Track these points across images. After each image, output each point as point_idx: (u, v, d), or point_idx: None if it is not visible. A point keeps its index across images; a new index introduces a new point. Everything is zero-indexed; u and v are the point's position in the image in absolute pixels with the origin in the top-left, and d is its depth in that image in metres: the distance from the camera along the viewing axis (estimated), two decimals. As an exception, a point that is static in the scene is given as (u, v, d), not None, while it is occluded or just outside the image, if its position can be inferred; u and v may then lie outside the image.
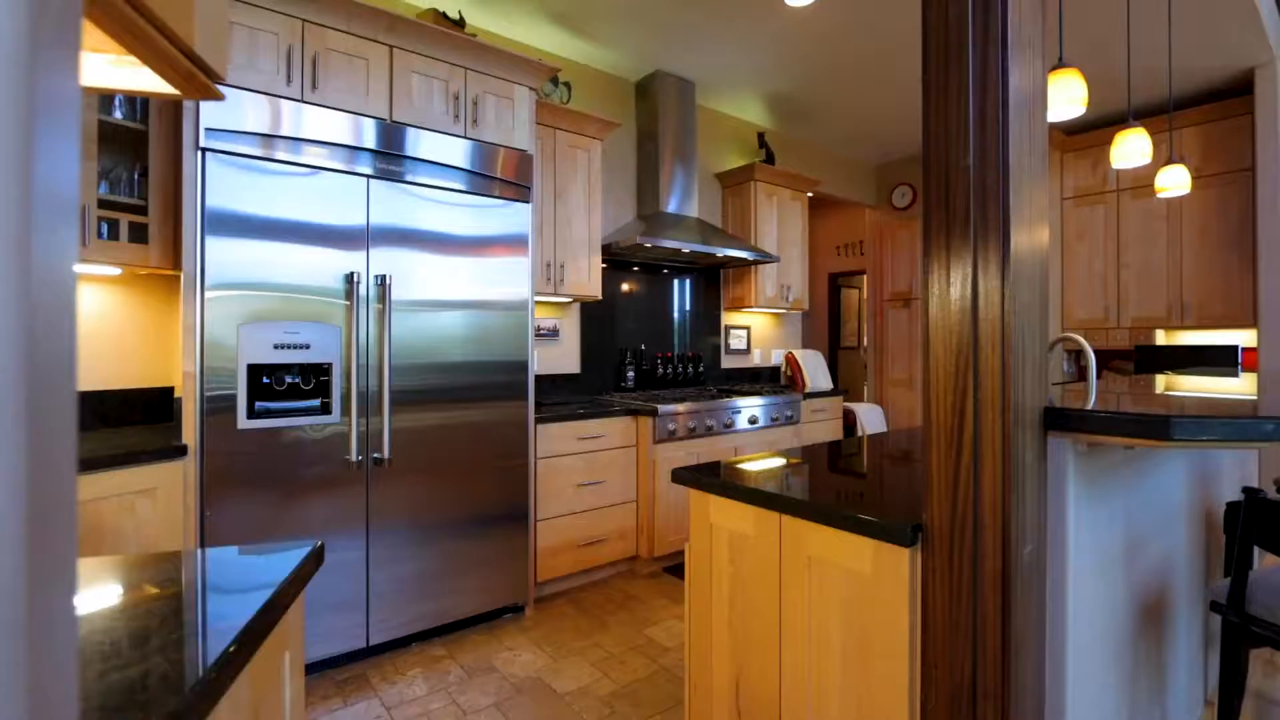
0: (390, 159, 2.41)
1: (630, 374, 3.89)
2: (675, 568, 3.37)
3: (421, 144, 2.48)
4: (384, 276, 2.35)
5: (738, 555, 1.45)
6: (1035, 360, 1.08)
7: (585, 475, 3.08)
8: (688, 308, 4.35)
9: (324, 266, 2.26)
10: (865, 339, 7.96)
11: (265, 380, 2.16)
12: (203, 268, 2.04)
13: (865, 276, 7.41)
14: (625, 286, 4.00)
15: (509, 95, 2.75)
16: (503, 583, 2.70)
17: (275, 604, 0.81)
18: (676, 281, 4.29)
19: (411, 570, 2.46)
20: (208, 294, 2.05)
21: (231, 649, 0.69)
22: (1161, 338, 4.54)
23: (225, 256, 2.08)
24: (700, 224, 3.94)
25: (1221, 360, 4.30)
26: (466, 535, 2.60)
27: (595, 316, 3.84)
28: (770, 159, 4.55)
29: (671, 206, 3.92)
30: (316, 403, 2.26)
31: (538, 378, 3.57)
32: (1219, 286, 4.18)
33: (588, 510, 3.09)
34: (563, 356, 3.70)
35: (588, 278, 3.42)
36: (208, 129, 2.05)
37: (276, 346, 2.16)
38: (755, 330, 4.80)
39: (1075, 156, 4.78)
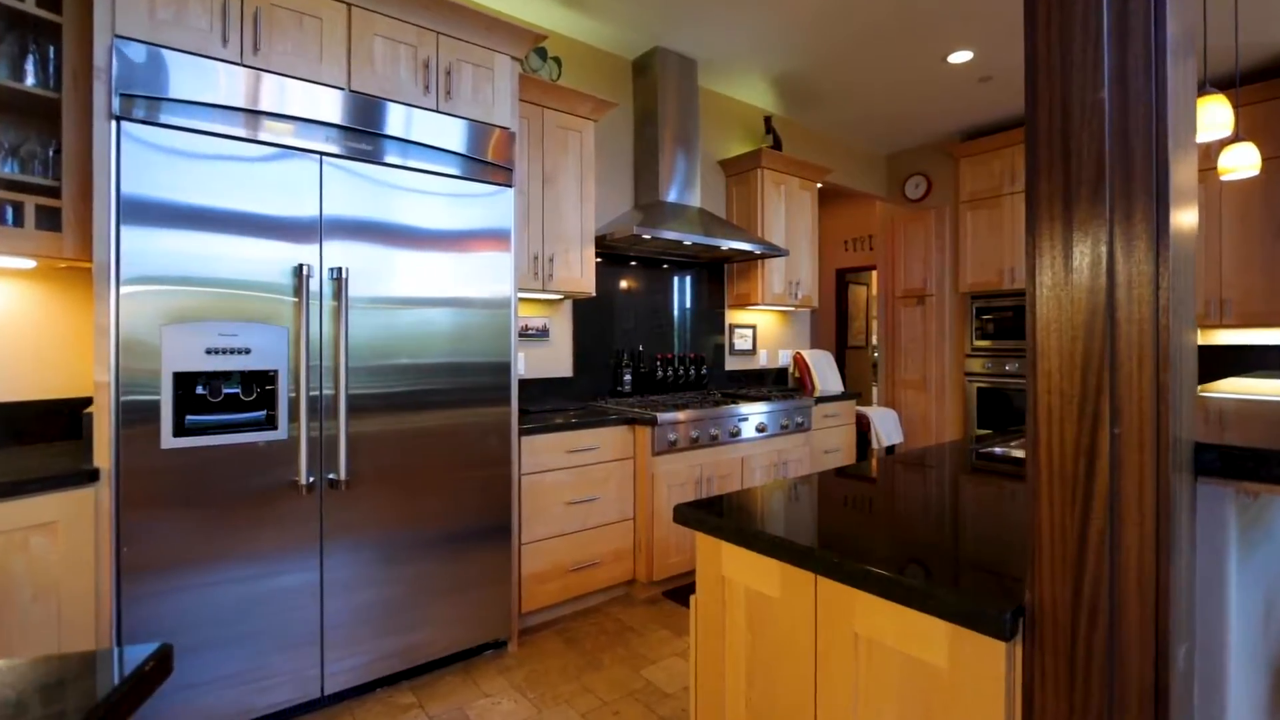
0: (348, 134, 2.09)
1: (627, 377, 3.57)
2: (676, 592, 3.06)
3: (385, 118, 2.16)
4: (340, 269, 2.04)
5: (759, 620, 1.13)
6: (1191, 378, 0.76)
7: (576, 491, 2.77)
8: (689, 305, 4.04)
9: (268, 258, 1.94)
10: (874, 338, 7.65)
11: (200, 390, 1.85)
12: (117, 256, 1.72)
13: (875, 272, 7.10)
14: (621, 282, 3.68)
15: (488, 64, 2.43)
16: (482, 614, 2.39)
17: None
18: (677, 277, 3.97)
19: (375, 600, 2.15)
20: (123, 289, 1.73)
21: None
22: (1198, 338, 4.23)
23: (146, 245, 1.76)
24: (703, 214, 3.62)
25: (1268, 362, 3.99)
26: (440, 560, 2.29)
27: (589, 315, 3.53)
28: (777, 145, 4.23)
29: (672, 195, 3.60)
30: (261, 415, 1.94)
31: (526, 382, 3.25)
32: (1262, 281, 3.86)
33: (579, 531, 2.78)
34: (553, 358, 3.39)
35: (580, 272, 3.10)
36: (123, 94, 1.73)
37: (210, 351, 1.85)
38: (761, 329, 4.49)
39: (1103, 143, 4.46)
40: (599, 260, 3.56)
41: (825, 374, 4.52)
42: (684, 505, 1.27)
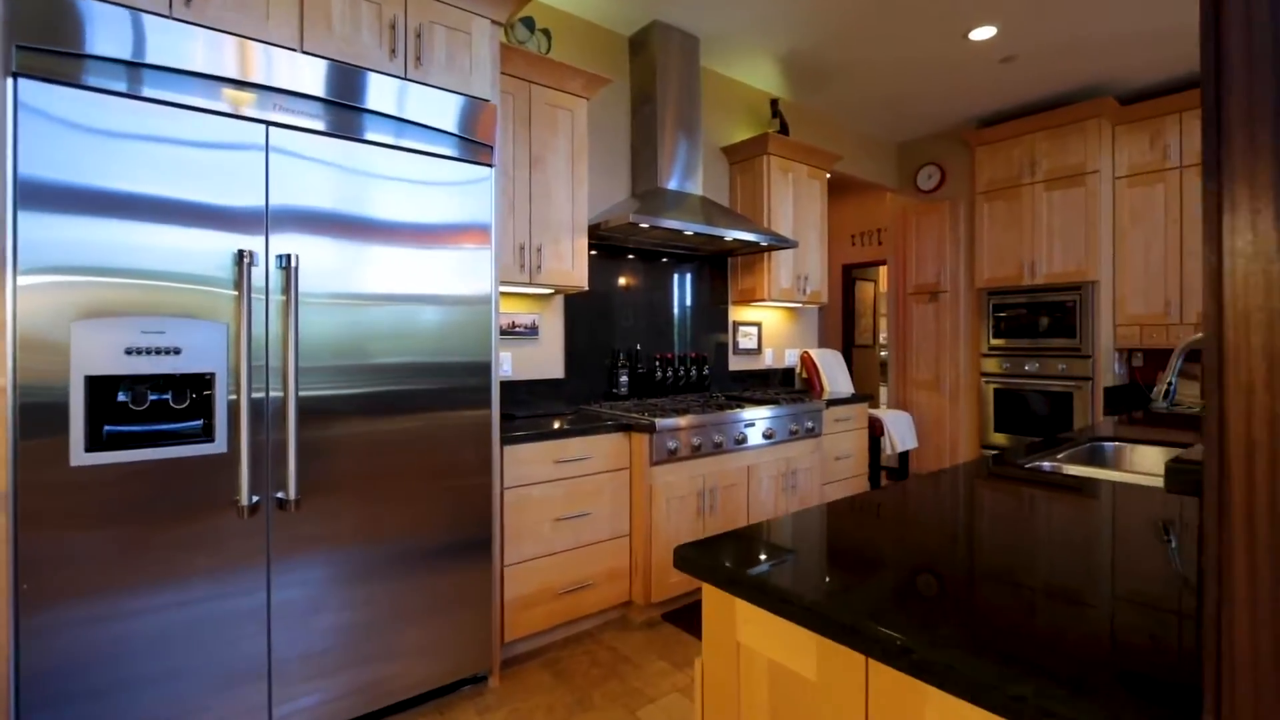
0: (300, 103, 1.82)
1: (623, 379, 3.31)
2: (676, 614, 2.79)
3: (344, 86, 1.89)
4: (289, 256, 1.77)
5: (785, 703, 0.87)
6: None
7: (566, 506, 2.50)
8: (690, 301, 3.77)
9: (203, 245, 1.68)
10: (882, 336, 7.39)
11: (121, 397, 1.58)
12: (15, 238, 1.45)
13: (885, 268, 6.84)
14: (618, 277, 3.41)
15: (464, 28, 2.16)
16: (459, 644, 2.12)
17: None
18: (677, 271, 3.70)
19: (333, 628, 1.88)
20: (22, 279, 1.46)
21: None
22: None
23: (51, 229, 1.49)
24: (705, 203, 3.35)
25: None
26: (409, 584, 2.02)
27: (582, 311, 3.26)
28: (784, 130, 3.96)
29: (672, 183, 3.33)
30: (196, 424, 1.68)
31: (513, 384, 2.99)
32: (1305, 276, 3.59)
33: (569, 550, 2.51)
34: (543, 358, 3.12)
35: (571, 264, 2.83)
36: (22, 45, 1.46)
37: (131, 351, 1.58)
38: (767, 327, 4.22)
39: (1130, 130, 4.19)
40: (593, 252, 3.30)
41: (834, 375, 4.26)
42: (687, 547, 1.00)
